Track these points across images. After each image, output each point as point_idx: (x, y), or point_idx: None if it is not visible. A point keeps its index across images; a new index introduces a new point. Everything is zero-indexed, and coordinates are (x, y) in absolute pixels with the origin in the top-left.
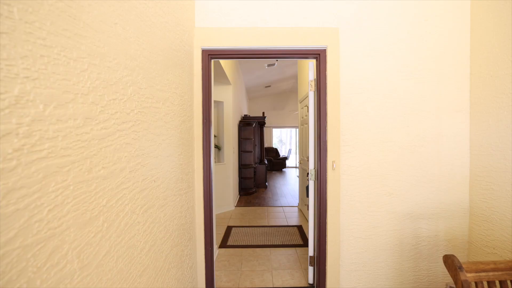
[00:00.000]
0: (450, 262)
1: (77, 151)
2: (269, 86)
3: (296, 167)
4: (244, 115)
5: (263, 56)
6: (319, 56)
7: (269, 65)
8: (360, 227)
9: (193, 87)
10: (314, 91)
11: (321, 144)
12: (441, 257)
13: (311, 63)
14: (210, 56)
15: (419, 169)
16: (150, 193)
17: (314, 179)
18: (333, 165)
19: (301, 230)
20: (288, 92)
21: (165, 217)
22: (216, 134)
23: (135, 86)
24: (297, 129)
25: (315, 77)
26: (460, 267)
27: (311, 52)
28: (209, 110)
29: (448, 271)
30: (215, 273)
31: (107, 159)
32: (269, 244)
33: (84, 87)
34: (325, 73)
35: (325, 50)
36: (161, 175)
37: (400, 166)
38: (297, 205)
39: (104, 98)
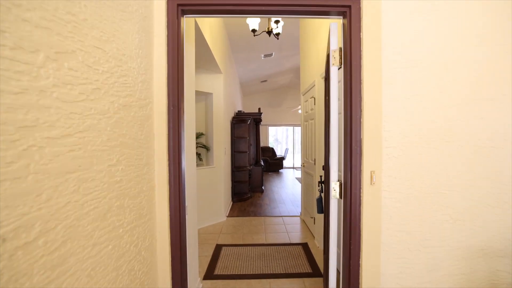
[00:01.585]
0: None
1: None
2: (265, 80)
3: (293, 168)
4: (238, 111)
5: (260, 10)
6: (348, 10)
7: (265, 56)
8: (410, 271)
9: (153, 55)
10: (339, 67)
11: (352, 144)
12: None
13: (333, 25)
14: (181, 8)
15: (499, 183)
16: None
17: (338, 197)
18: (372, 178)
19: (306, 249)
20: (285, 88)
21: None
22: (204, 132)
23: None
24: (294, 128)
25: (340, 46)
26: None
27: (334, 5)
28: (180, 92)
29: None
30: None
31: None
32: (268, 272)
33: None
34: (359, 37)
35: (358, 1)
36: (46, 216)
37: (471, 179)
38: (299, 214)
39: None
